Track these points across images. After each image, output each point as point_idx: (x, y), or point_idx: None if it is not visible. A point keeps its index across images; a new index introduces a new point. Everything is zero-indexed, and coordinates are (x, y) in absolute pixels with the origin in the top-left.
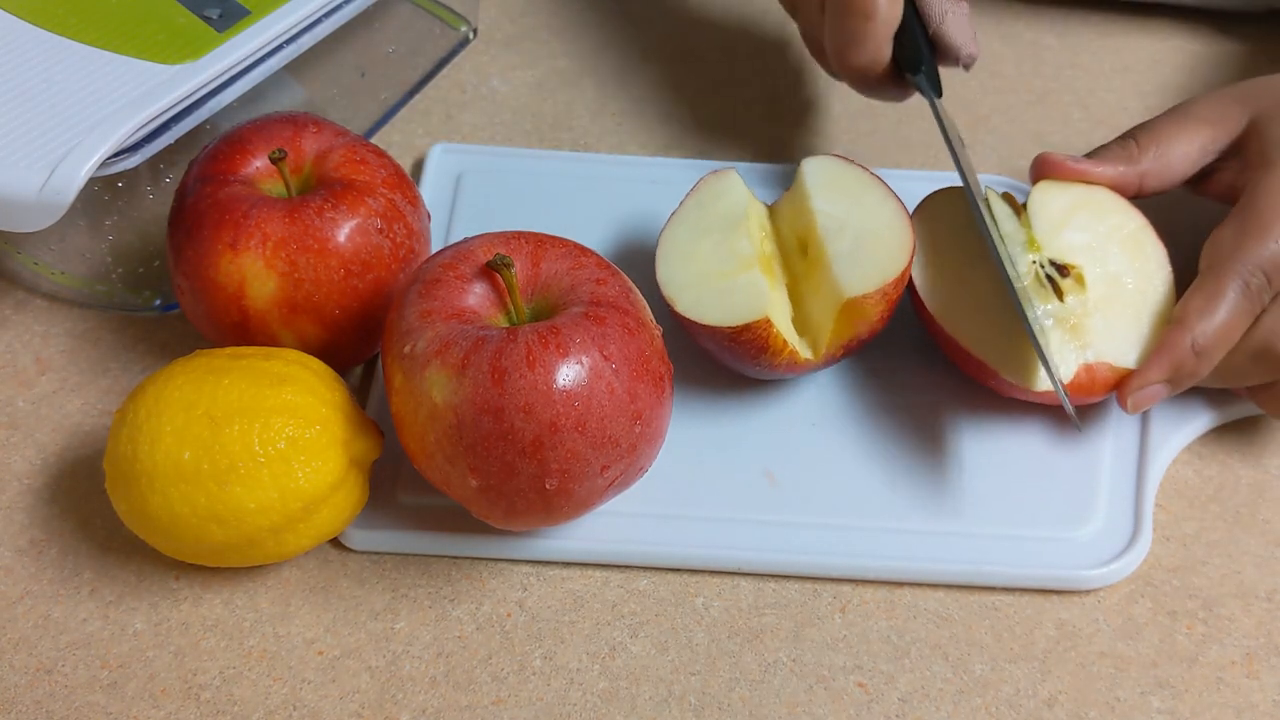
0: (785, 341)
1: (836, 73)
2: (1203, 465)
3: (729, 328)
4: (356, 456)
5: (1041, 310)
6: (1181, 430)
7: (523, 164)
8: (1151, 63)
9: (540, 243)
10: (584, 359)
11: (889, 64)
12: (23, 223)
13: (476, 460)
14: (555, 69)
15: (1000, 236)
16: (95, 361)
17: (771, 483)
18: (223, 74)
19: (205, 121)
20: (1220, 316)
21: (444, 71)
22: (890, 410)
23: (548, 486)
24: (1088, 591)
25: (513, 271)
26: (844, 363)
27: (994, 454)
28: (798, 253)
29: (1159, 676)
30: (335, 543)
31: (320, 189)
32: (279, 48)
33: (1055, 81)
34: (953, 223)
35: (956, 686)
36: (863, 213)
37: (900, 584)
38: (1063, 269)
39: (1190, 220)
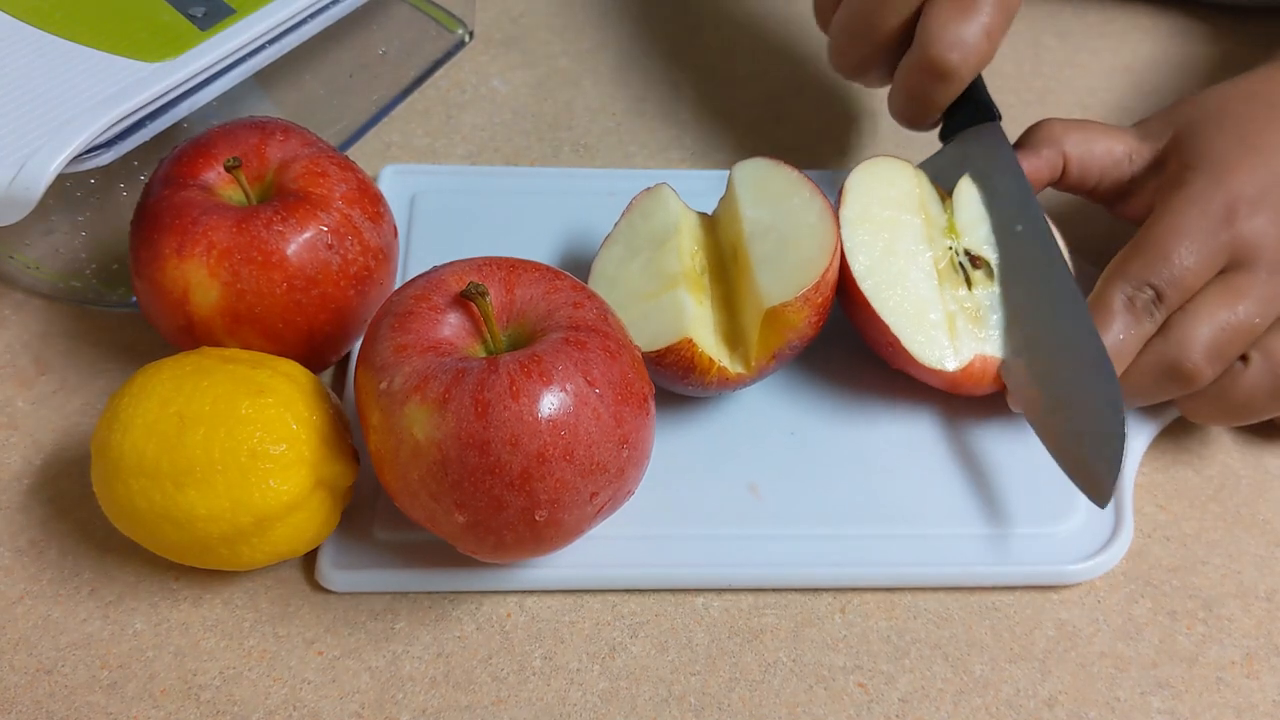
0: (711, 360)
1: (895, 115)
2: (1203, 465)
3: (653, 352)
4: (326, 479)
5: (949, 295)
6: (1151, 421)
7: (478, 183)
8: (1151, 61)
9: (513, 268)
10: (568, 386)
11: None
12: None
13: (463, 496)
14: (555, 69)
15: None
16: (94, 362)
17: (756, 496)
18: (201, 73)
19: (183, 120)
20: (1108, 336)
21: (444, 72)
22: (867, 415)
23: (537, 518)
24: (1080, 587)
25: (488, 300)
26: (817, 366)
27: (971, 454)
28: (731, 261)
29: (1159, 676)
30: None
31: (274, 200)
32: (261, 48)
33: (1055, 81)
34: (883, 193)
35: (956, 686)
36: (787, 216)
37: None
38: (975, 259)
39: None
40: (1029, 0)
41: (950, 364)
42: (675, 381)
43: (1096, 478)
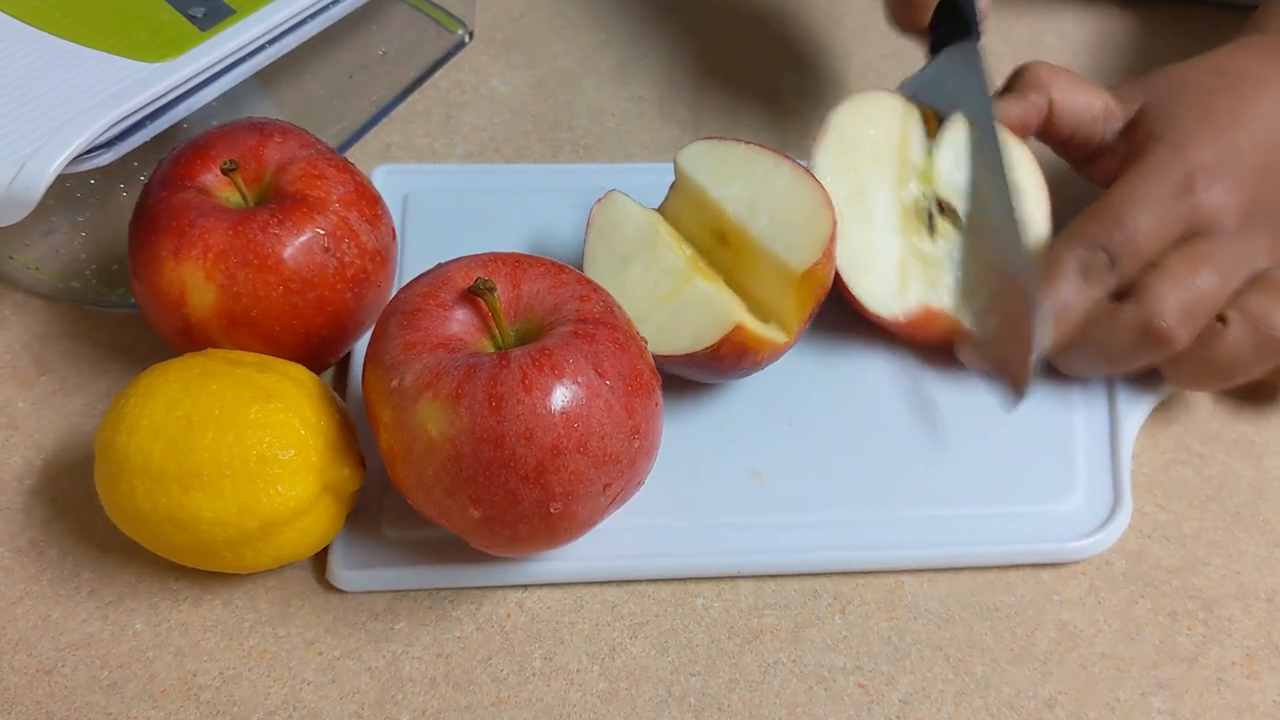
0: (761, 337)
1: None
2: (1203, 465)
3: (706, 349)
4: (332, 484)
5: (910, 243)
6: (1146, 395)
7: (470, 181)
8: (1151, 61)
9: (518, 263)
10: (580, 378)
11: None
12: None
13: (478, 491)
14: (555, 69)
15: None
16: (95, 362)
17: (760, 482)
18: (201, 73)
19: (183, 120)
20: (1055, 296)
21: (444, 72)
22: (867, 399)
23: (552, 510)
24: (1080, 587)
25: (495, 295)
26: (811, 354)
27: (971, 435)
28: (716, 245)
29: (1159, 677)
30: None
31: (271, 202)
32: (261, 48)
33: None
34: (862, 133)
35: (957, 687)
36: (760, 188)
37: (899, 575)
38: (944, 206)
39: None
40: (1029, 0)
41: (893, 311)
42: (729, 371)
43: (1011, 377)
